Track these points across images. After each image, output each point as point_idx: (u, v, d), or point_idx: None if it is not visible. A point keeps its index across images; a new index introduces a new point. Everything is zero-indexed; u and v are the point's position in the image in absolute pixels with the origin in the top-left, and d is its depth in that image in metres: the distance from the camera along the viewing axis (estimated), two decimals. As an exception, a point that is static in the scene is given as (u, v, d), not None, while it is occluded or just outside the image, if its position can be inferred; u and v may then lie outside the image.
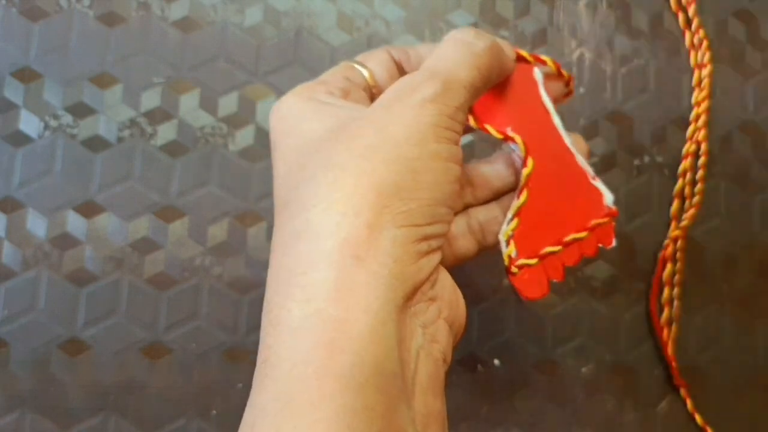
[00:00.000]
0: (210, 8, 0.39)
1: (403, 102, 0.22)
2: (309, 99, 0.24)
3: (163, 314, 0.37)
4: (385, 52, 0.28)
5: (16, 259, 0.37)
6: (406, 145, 0.22)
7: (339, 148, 0.22)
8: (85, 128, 0.38)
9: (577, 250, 0.29)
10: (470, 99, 0.24)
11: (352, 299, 0.20)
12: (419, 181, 0.22)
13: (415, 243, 0.22)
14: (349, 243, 0.20)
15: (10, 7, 0.38)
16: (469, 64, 0.24)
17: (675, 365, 0.38)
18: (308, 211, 0.21)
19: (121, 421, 0.36)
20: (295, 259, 0.21)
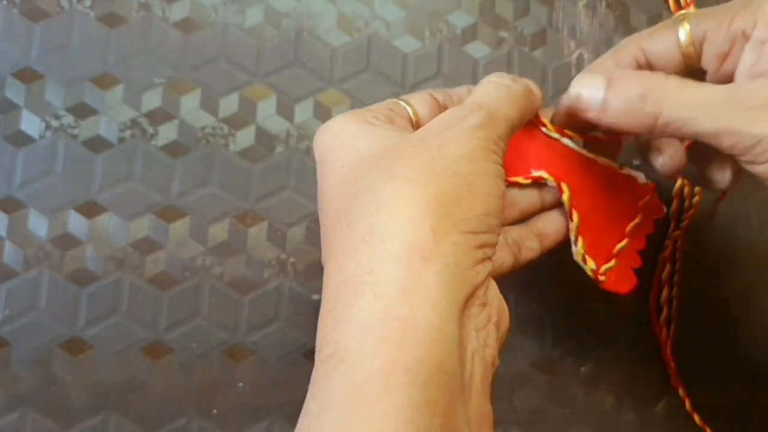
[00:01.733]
0: (211, 9, 0.39)
1: (454, 127, 0.25)
2: (360, 121, 0.26)
3: (164, 314, 0.37)
4: (427, 93, 0.30)
5: (18, 258, 0.37)
6: (462, 161, 0.24)
7: (400, 163, 0.23)
8: (86, 128, 0.38)
9: (640, 233, 0.32)
10: (509, 132, 0.26)
11: (420, 298, 0.21)
12: (475, 192, 0.23)
13: (473, 249, 0.23)
14: (415, 245, 0.22)
15: (11, 7, 0.38)
16: (508, 102, 0.27)
17: (674, 365, 0.38)
18: (371, 215, 0.23)
19: (123, 421, 0.36)
20: (361, 260, 0.22)
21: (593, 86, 0.28)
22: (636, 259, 0.32)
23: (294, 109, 0.39)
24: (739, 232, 0.40)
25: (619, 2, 0.41)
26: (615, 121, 0.27)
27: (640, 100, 0.26)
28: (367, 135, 0.25)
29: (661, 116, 0.26)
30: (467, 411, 0.22)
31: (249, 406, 0.36)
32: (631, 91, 0.27)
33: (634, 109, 0.26)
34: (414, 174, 0.23)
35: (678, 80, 0.27)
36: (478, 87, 0.28)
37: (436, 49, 0.40)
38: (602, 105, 0.27)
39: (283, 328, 0.37)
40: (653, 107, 0.26)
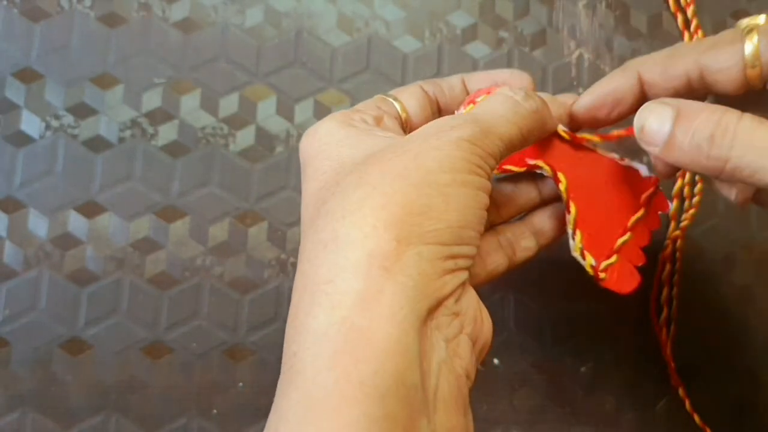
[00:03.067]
0: (211, 9, 0.39)
1: (440, 136, 0.24)
2: (347, 125, 0.26)
3: (164, 314, 0.37)
4: (418, 87, 0.29)
5: (18, 258, 0.37)
6: (439, 172, 0.23)
7: (372, 170, 0.23)
8: (86, 128, 0.38)
9: (644, 228, 0.30)
10: (504, 151, 0.25)
11: (377, 309, 0.21)
12: (449, 203, 0.22)
13: (441, 260, 0.22)
14: (376, 254, 0.21)
15: (11, 7, 0.38)
16: (511, 121, 0.25)
17: (674, 365, 0.38)
18: (336, 222, 0.22)
19: (123, 421, 0.36)
20: (322, 268, 0.22)
21: (659, 120, 0.25)
22: (640, 257, 0.30)
23: (294, 109, 0.39)
24: (739, 232, 0.40)
25: (619, 2, 0.41)
26: (679, 161, 0.25)
27: (708, 141, 0.24)
28: (353, 141, 0.25)
29: (729, 161, 0.24)
30: (431, 424, 0.21)
31: (249, 406, 0.36)
32: (700, 132, 0.24)
33: (701, 151, 0.24)
34: (385, 181, 0.22)
35: (753, 120, 0.24)
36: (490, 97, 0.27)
37: (436, 49, 0.40)
38: (667, 142, 0.25)
39: (283, 328, 0.37)
40: (722, 151, 0.24)
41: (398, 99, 0.28)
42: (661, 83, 0.28)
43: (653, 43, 0.41)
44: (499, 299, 0.38)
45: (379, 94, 0.28)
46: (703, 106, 0.25)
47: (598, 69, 0.40)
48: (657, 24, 0.41)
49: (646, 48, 0.41)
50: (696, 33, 0.41)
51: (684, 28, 0.41)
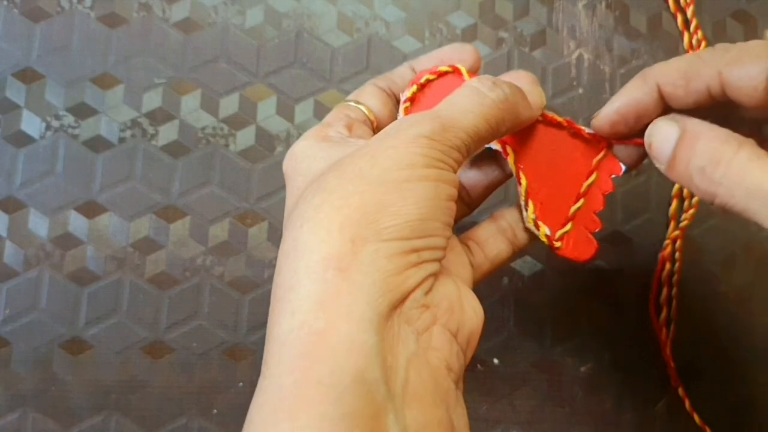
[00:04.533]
0: (211, 9, 0.39)
1: (398, 135, 0.24)
2: (321, 140, 0.26)
3: (164, 314, 0.37)
4: (372, 86, 0.29)
5: (18, 258, 0.37)
6: (395, 169, 0.23)
7: (331, 176, 0.23)
8: (86, 128, 0.38)
9: (597, 193, 0.30)
10: (471, 144, 0.25)
11: (334, 310, 0.21)
12: (406, 198, 0.22)
13: (401, 255, 0.22)
14: (332, 257, 0.21)
15: (11, 8, 0.38)
16: (475, 113, 0.25)
17: (673, 365, 0.38)
18: (296, 230, 0.22)
19: (123, 420, 0.36)
20: (285, 277, 0.22)
21: (664, 139, 0.25)
22: (595, 222, 0.30)
23: (294, 109, 0.39)
24: (738, 232, 0.40)
25: (619, 2, 0.41)
26: (678, 182, 0.25)
27: (700, 172, 0.24)
28: (326, 154, 0.25)
29: (717, 197, 0.24)
30: (400, 420, 0.21)
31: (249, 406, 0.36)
32: (695, 160, 0.24)
33: (693, 180, 0.24)
34: (341, 184, 0.23)
35: (751, 154, 0.23)
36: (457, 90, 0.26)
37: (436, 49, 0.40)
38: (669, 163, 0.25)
39: (283, 328, 0.37)
40: (711, 186, 0.24)
41: (360, 102, 0.29)
42: (683, 96, 0.27)
43: (653, 43, 0.41)
44: (499, 299, 0.38)
45: (341, 103, 0.29)
46: (706, 130, 0.25)
47: (598, 69, 0.40)
48: (657, 24, 0.41)
49: (646, 48, 0.41)
50: (696, 33, 0.41)
51: (684, 28, 0.41)
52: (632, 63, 0.41)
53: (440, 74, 0.28)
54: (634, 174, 0.40)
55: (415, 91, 0.28)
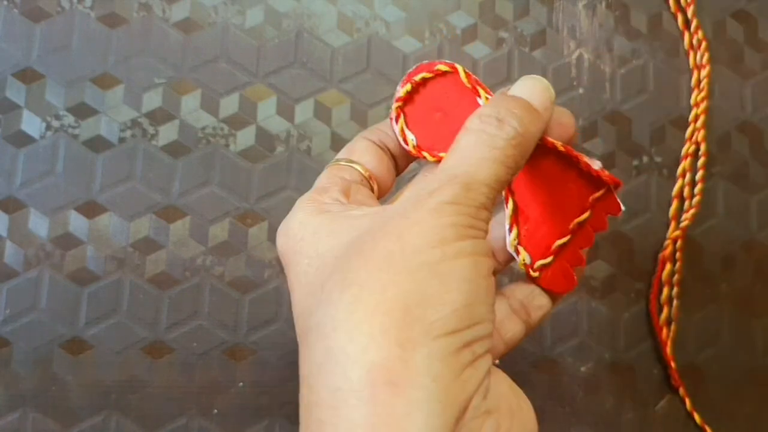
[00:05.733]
0: (211, 9, 0.39)
1: (420, 207, 0.21)
2: (319, 211, 0.23)
3: (164, 313, 0.37)
4: (363, 140, 0.26)
5: (18, 258, 0.37)
6: (427, 249, 0.20)
7: (355, 264, 0.20)
8: (86, 128, 0.38)
9: (588, 230, 0.28)
10: (494, 194, 0.22)
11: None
12: (448, 283, 0.20)
13: (456, 353, 0.19)
14: (379, 368, 0.18)
15: (12, 8, 0.38)
16: (491, 161, 0.22)
17: (674, 365, 0.38)
18: (328, 338, 0.19)
19: (123, 420, 0.36)
20: (322, 396, 0.19)
21: None
22: (579, 258, 0.27)
23: (294, 109, 0.39)
24: (738, 232, 0.40)
25: (619, 2, 0.41)
26: None
27: None
28: (329, 229, 0.22)
29: None
30: None
31: (249, 405, 0.37)
32: None
33: None
34: (371, 276, 0.19)
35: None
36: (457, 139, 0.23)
37: (436, 49, 0.40)
38: None
39: (283, 328, 0.37)
40: None
41: (353, 161, 0.26)
42: None
43: (653, 43, 0.41)
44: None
45: (332, 163, 0.26)
46: None
47: (598, 69, 0.40)
48: (657, 24, 0.41)
49: (646, 48, 0.41)
50: (696, 33, 0.41)
51: (684, 28, 0.41)
52: (632, 63, 0.41)
53: (437, 73, 0.26)
54: (634, 174, 0.40)
55: (408, 90, 0.26)
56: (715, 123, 0.41)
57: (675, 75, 0.41)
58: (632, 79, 0.40)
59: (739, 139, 0.41)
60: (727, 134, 0.41)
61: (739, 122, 0.41)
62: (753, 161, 0.41)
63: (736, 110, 0.41)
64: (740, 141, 0.41)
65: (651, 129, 0.40)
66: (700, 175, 0.40)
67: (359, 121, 0.39)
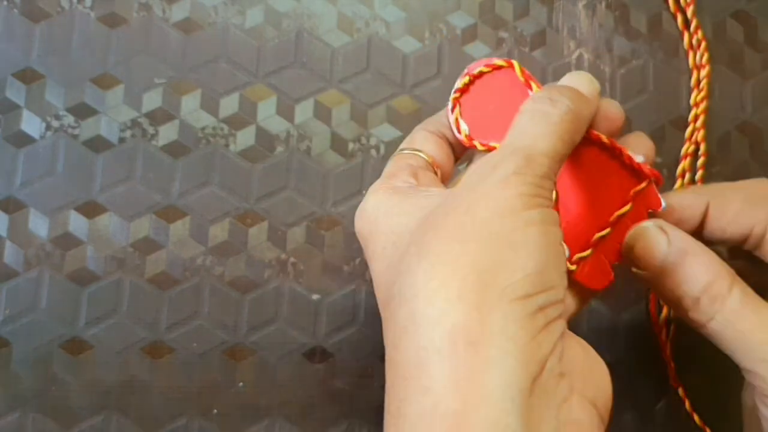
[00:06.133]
0: (211, 9, 0.39)
1: (486, 180, 0.22)
2: (391, 192, 0.24)
3: (164, 314, 0.37)
4: (422, 131, 0.28)
5: (18, 258, 0.37)
6: (497, 219, 0.21)
7: (429, 236, 0.21)
8: (86, 129, 0.38)
9: (628, 224, 0.28)
10: (555, 166, 0.23)
11: (470, 390, 0.19)
12: (519, 251, 0.21)
13: (530, 317, 0.20)
14: (459, 329, 0.20)
15: (11, 8, 0.38)
16: (548, 134, 0.24)
17: (673, 365, 0.38)
18: (409, 302, 0.21)
19: (123, 420, 0.36)
20: (408, 354, 0.20)
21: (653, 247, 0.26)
22: (615, 255, 0.28)
23: (294, 109, 0.39)
24: (738, 232, 0.40)
25: (619, 2, 0.41)
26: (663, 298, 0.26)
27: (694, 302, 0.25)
28: (401, 208, 0.23)
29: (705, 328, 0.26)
30: None
31: (249, 406, 0.37)
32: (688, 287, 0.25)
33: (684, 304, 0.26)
34: (445, 247, 0.21)
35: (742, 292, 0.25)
36: (516, 120, 0.25)
37: (436, 49, 0.40)
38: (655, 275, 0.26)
39: (283, 328, 0.37)
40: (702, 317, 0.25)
41: (416, 149, 0.27)
42: (725, 227, 0.28)
43: (653, 43, 0.41)
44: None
45: (396, 153, 0.27)
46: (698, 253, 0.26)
47: (598, 69, 0.40)
48: (657, 24, 0.41)
49: (646, 48, 0.41)
50: (696, 33, 0.41)
51: (684, 28, 0.41)
52: (632, 63, 0.41)
53: (494, 67, 0.27)
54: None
55: (466, 82, 0.27)
56: (714, 123, 0.41)
57: (675, 75, 0.41)
58: (632, 79, 0.40)
59: (739, 139, 0.41)
60: (727, 134, 0.41)
61: (739, 122, 0.41)
62: (753, 161, 0.41)
63: (736, 110, 0.41)
64: (740, 141, 0.41)
65: (650, 129, 0.40)
66: (699, 175, 0.40)
67: (359, 121, 0.39)
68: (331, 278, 0.38)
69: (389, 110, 0.39)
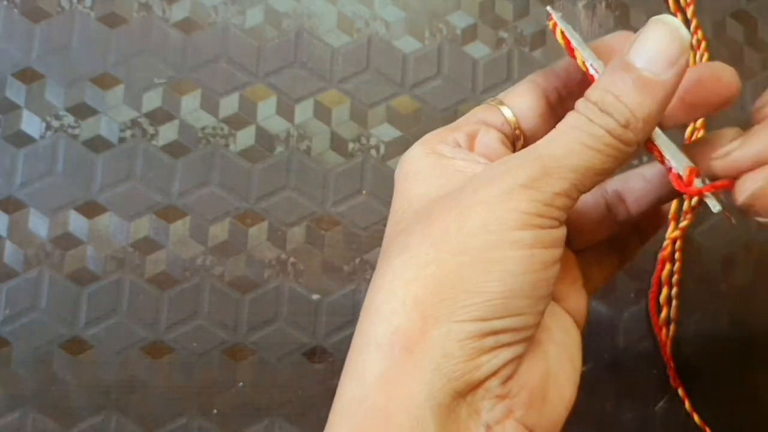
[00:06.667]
0: (211, 9, 0.39)
1: (492, 185, 0.20)
2: (430, 153, 0.23)
3: (164, 313, 0.37)
4: (529, 83, 0.25)
5: (18, 258, 0.37)
6: (482, 233, 0.20)
7: (416, 230, 0.21)
8: (86, 128, 0.38)
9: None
10: (586, 181, 0.21)
11: (396, 390, 0.20)
12: (490, 272, 0.20)
13: (475, 338, 0.20)
14: (400, 333, 0.20)
15: (11, 8, 0.38)
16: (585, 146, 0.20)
17: (673, 365, 0.38)
18: (375, 292, 0.21)
19: (123, 420, 0.36)
20: (359, 338, 0.21)
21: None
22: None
23: (294, 109, 0.39)
24: (738, 232, 0.40)
25: (619, 2, 0.41)
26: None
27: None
28: (427, 176, 0.23)
29: None
30: None
31: (249, 405, 0.37)
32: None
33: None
34: (421, 248, 0.20)
35: None
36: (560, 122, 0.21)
37: (436, 49, 0.40)
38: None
39: (283, 328, 0.37)
40: None
41: (503, 103, 0.24)
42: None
43: (653, 43, 0.41)
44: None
45: (489, 100, 0.25)
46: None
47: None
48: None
49: (646, 48, 0.41)
50: (696, 33, 0.41)
51: (684, 28, 0.41)
52: (632, 63, 0.41)
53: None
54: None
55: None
56: (714, 123, 0.40)
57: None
58: (632, 79, 0.40)
59: (739, 139, 0.41)
60: (726, 134, 0.41)
61: (739, 122, 0.41)
62: (753, 161, 0.41)
63: (735, 110, 0.41)
64: (740, 141, 0.41)
65: (651, 129, 0.40)
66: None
67: (359, 121, 0.39)
68: (331, 278, 0.38)
69: (389, 110, 0.39)
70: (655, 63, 0.20)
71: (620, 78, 0.21)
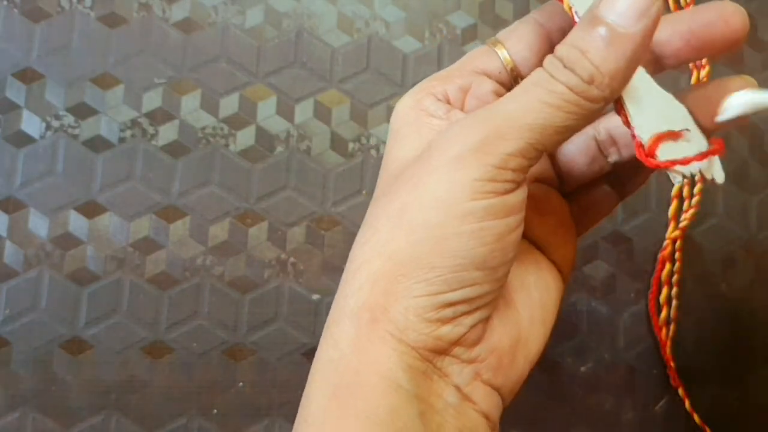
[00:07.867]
0: (211, 9, 0.39)
1: (442, 153, 0.20)
2: (415, 108, 0.23)
3: (164, 313, 0.37)
4: (531, 21, 0.23)
5: (18, 258, 0.37)
6: (433, 208, 0.20)
7: (382, 204, 0.22)
8: (86, 128, 0.38)
9: None
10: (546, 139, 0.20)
11: (368, 355, 0.21)
12: (442, 248, 0.20)
13: (434, 311, 0.20)
14: (366, 306, 0.21)
15: (11, 8, 0.38)
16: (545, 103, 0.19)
17: (673, 365, 0.38)
18: (348, 266, 0.22)
19: (123, 420, 0.36)
20: (334, 308, 0.22)
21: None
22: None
23: (294, 109, 0.39)
24: (738, 232, 0.40)
25: None
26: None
27: None
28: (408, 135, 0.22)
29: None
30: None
31: (249, 405, 0.37)
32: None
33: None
34: (383, 226, 0.21)
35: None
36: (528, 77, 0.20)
37: (436, 49, 0.40)
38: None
39: (283, 328, 0.37)
40: None
41: (500, 43, 0.23)
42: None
43: (653, 43, 0.41)
44: (499, 299, 0.38)
45: (487, 41, 0.24)
46: None
47: (598, 69, 0.40)
48: (657, 24, 0.41)
49: (646, 48, 0.41)
50: (696, 33, 0.41)
51: (684, 28, 0.41)
52: (632, 63, 0.41)
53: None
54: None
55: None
56: (714, 123, 0.40)
57: (675, 75, 0.41)
58: (632, 79, 0.40)
59: (739, 139, 0.41)
60: (726, 134, 0.41)
61: (739, 122, 0.41)
62: (753, 161, 0.41)
63: (735, 110, 0.41)
64: (740, 141, 0.41)
65: (651, 129, 0.40)
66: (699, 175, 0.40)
67: (359, 121, 0.39)
68: (331, 278, 0.38)
69: (389, 110, 0.39)
70: (623, 15, 0.19)
71: (587, 32, 0.20)
